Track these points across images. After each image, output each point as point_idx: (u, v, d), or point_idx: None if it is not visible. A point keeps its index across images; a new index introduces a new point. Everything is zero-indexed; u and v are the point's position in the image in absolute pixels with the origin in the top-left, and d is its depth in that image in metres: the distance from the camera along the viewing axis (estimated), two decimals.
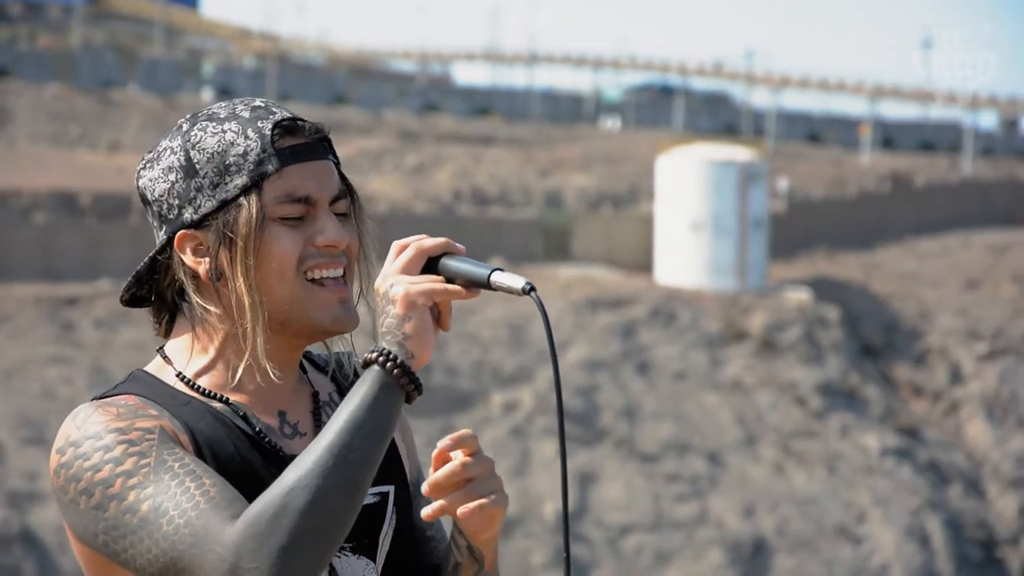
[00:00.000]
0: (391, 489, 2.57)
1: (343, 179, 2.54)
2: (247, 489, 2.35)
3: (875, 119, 60.01)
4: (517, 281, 2.37)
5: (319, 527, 2.27)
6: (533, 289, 2.36)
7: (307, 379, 2.60)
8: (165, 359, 2.53)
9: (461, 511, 2.40)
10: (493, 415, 30.85)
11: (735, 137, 52.70)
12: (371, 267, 2.51)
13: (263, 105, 2.51)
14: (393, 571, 2.56)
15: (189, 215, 2.47)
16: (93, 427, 2.37)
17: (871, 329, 36.37)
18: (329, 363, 2.66)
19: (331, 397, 2.61)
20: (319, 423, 2.55)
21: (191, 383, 2.49)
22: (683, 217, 37.18)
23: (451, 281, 2.40)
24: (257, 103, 2.52)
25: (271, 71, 58.00)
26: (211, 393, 2.49)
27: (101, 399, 2.44)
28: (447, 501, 2.41)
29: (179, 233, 2.48)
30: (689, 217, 37.10)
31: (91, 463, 2.35)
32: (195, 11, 79.83)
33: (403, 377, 2.34)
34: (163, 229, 2.50)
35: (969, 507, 32.56)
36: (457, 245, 2.43)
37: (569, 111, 63.44)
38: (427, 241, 2.41)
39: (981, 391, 35.25)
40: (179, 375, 2.50)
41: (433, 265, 2.41)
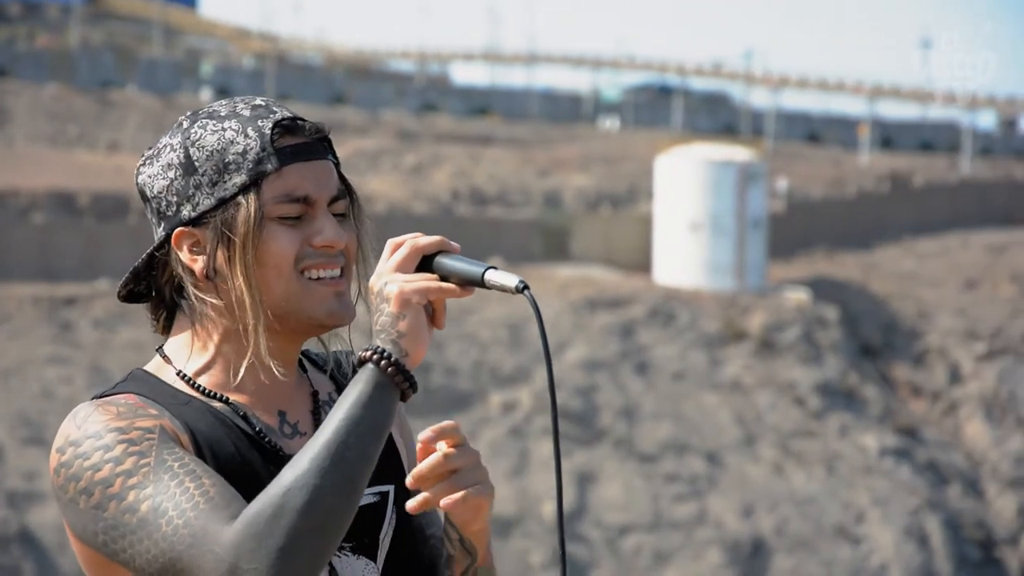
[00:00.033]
0: (391, 488, 2.57)
1: (342, 179, 2.54)
2: (247, 489, 2.35)
3: (874, 119, 59.99)
4: (511, 279, 2.37)
5: (317, 526, 2.27)
6: (526, 287, 2.36)
7: (307, 378, 2.60)
8: (165, 358, 2.53)
9: (444, 502, 2.40)
10: (492, 415, 30.85)
11: (734, 137, 52.70)
12: (369, 268, 2.51)
13: (264, 104, 2.51)
14: (393, 570, 2.56)
15: (187, 212, 2.47)
16: (93, 426, 2.37)
17: (870, 329, 36.37)
18: (328, 362, 2.66)
19: (330, 396, 2.61)
20: (319, 423, 2.55)
21: (191, 381, 2.49)
22: (682, 217, 37.18)
23: (445, 279, 2.40)
24: (258, 102, 2.52)
25: (270, 71, 57.99)
26: (211, 392, 2.49)
27: (101, 398, 2.44)
28: (431, 493, 2.41)
29: (177, 230, 2.48)
30: (688, 217, 37.11)
31: (91, 462, 2.35)
32: (194, 11, 79.77)
33: (398, 375, 2.34)
34: (161, 226, 2.50)
35: (968, 507, 32.57)
36: (452, 243, 2.43)
37: (568, 111, 63.39)
38: (422, 239, 2.41)
39: (980, 391, 35.25)
40: (179, 373, 2.50)
41: (428, 263, 2.41)
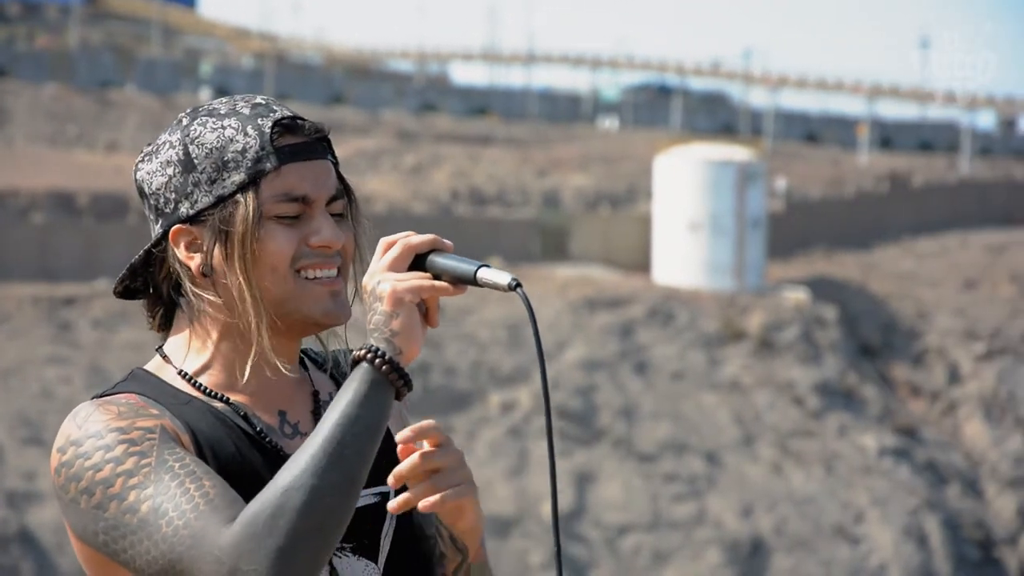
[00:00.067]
0: (391, 489, 2.57)
1: (341, 179, 2.53)
2: (248, 489, 2.35)
3: (873, 119, 60.01)
4: (503, 277, 2.37)
5: (316, 526, 2.26)
6: (519, 285, 2.36)
7: (308, 377, 2.60)
8: (164, 358, 2.52)
9: (422, 504, 2.39)
10: (491, 415, 30.85)
11: (733, 137, 52.70)
12: (366, 268, 2.51)
13: (264, 103, 2.51)
14: (394, 571, 2.55)
15: (185, 210, 2.47)
16: (94, 426, 2.37)
17: (869, 329, 36.37)
18: (327, 361, 2.66)
19: (331, 396, 2.60)
20: None
21: (192, 380, 2.49)
22: (681, 217, 37.19)
23: (438, 278, 2.40)
24: (258, 100, 2.52)
25: (269, 71, 58.01)
26: (212, 392, 2.49)
27: (102, 397, 2.43)
28: (412, 493, 2.40)
29: (174, 227, 2.48)
30: (687, 217, 37.11)
31: (92, 462, 2.34)
32: (193, 11, 79.78)
33: (392, 373, 2.34)
34: (159, 222, 2.50)
35: (967, 507, 32.57)
36: (445, 241, 2.43)
37: (567, 111, 63.41)
38: (414, 238, 2.41)
39: (979, 391, 35.25)
40: (180, 372, 2.50)
41: (421, 262, 2.41)
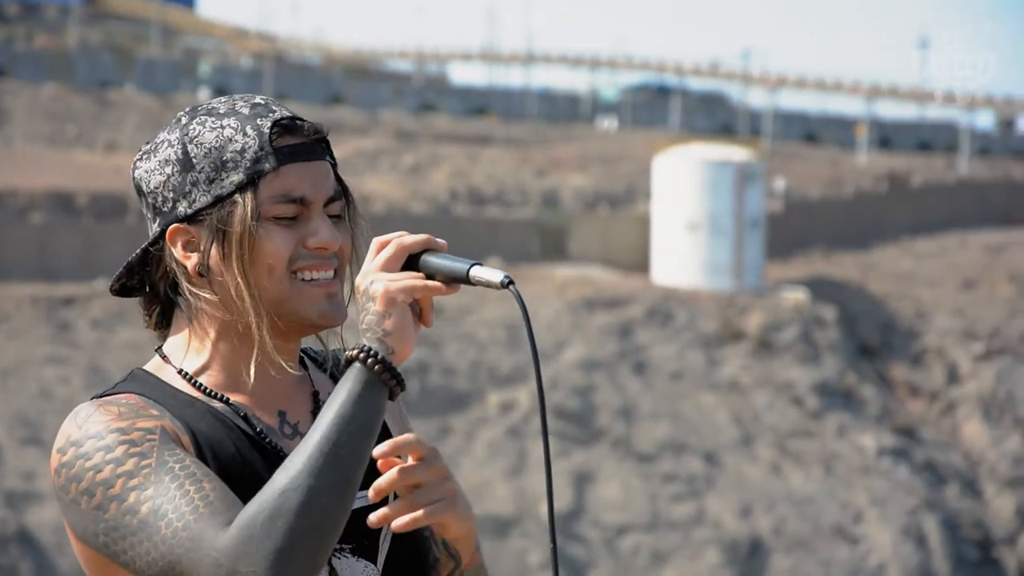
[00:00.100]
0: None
1: (339, 181, 2.53)
2: (248, 490, 2.35)
3: (872, 119, 60.01)
4: (496, 275, 2.37)
5: (313, 527, 2.26)
6: (512, 282, 2.36)
7: (308, 377, 2.60)
8: (164, 358, 2.52)
9: (395, 524, 2.37)
10: (490, 415, 30.84)
11: (732, 137, 52.69)
12: None
13: (263, 103, 2.51)
14: (393, 572, 2.55)
15: (183, 209, 2.47)
16: (94, 427, 2.37)
17: (868, 329, 36.37)
18: (327, 360, 2.66)
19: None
20: None
21: (192, 380, 2.49)
22: (680, 217, 37.18)
23: (431, 277, 2.40)
24: (257, 100, 2.51)
25: (268, 71, 57.99)
26: (212, 392, 2.49)
27: (102, 398, 2.43)
28: (390, 508, 2.38)
29: (172, 227, 2.47)
30: (686, 217, 37.10)
31: (92, 463, 2.34)
32: (191, 11, 79.78)
33: (385, 372, 2.34)
34: (157, 221, 2.50)
35: (966, 507, 32.57)
36: (438, 241, 2.43)
37: (566, 111, 63.41)
38: (407, 238, 2.41)
39: (978, 391, 35.25)
40: (180, 371, 2.50)
41: (414, 262, 2.41)
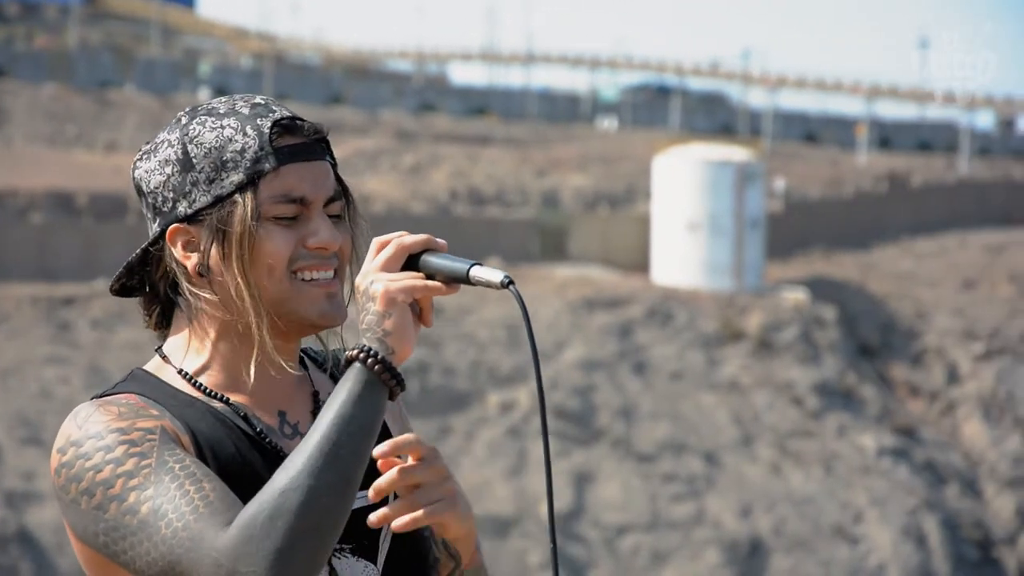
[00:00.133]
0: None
1: (339, 181, 2.53)
2: (248, 490, 2.35)
3: (872, 119, 60.01)
4: (496, 275, 2.37)
5: (313, 527, 2.26)
6: (511, 282, 2.36)
7: (309, 377, 2.60)
8: (164, 358, 2.52)
9: (395, 524, 2.37)
10: (490, 415, 30.84)
11: (732, 137, 52.69)
12: None
13: (263, 103, 2.51)
14: (393, 572, 2.55)
15: (183, 209, 2.47)
16: (95, 427, 2.37)
17: (868, 329, 36.36)
18: (327, 360, 2.65)
19: None
20: None
21: (192, 380, 2.49)
22: (680, 217, 37.17)
23: (431, 277, 2.40)
24: (257, 100, 2.51)
25: (268, 71, 57.99)
26: (212, 392, 2.48)
27: (102, 398, 2.43)
28: (390, 508, 2.38)
29: (171, 226, 2.47)
30: (686, 217, 37.10)
31: (93, 463, 2.34)
32: (191, 11, 79.77)
33: (385, 372, 2.33)
34: (157, 221, 2.49)
35: (966, 507, 32.57)
36: (438, 241, 2.42)
37: (566, 111, 63.40)
38: (407, 238, 2.41)
39: (978, 391, 35.25)
40: (180, 371, 2.50)
41: (414, 262, 2.41)
